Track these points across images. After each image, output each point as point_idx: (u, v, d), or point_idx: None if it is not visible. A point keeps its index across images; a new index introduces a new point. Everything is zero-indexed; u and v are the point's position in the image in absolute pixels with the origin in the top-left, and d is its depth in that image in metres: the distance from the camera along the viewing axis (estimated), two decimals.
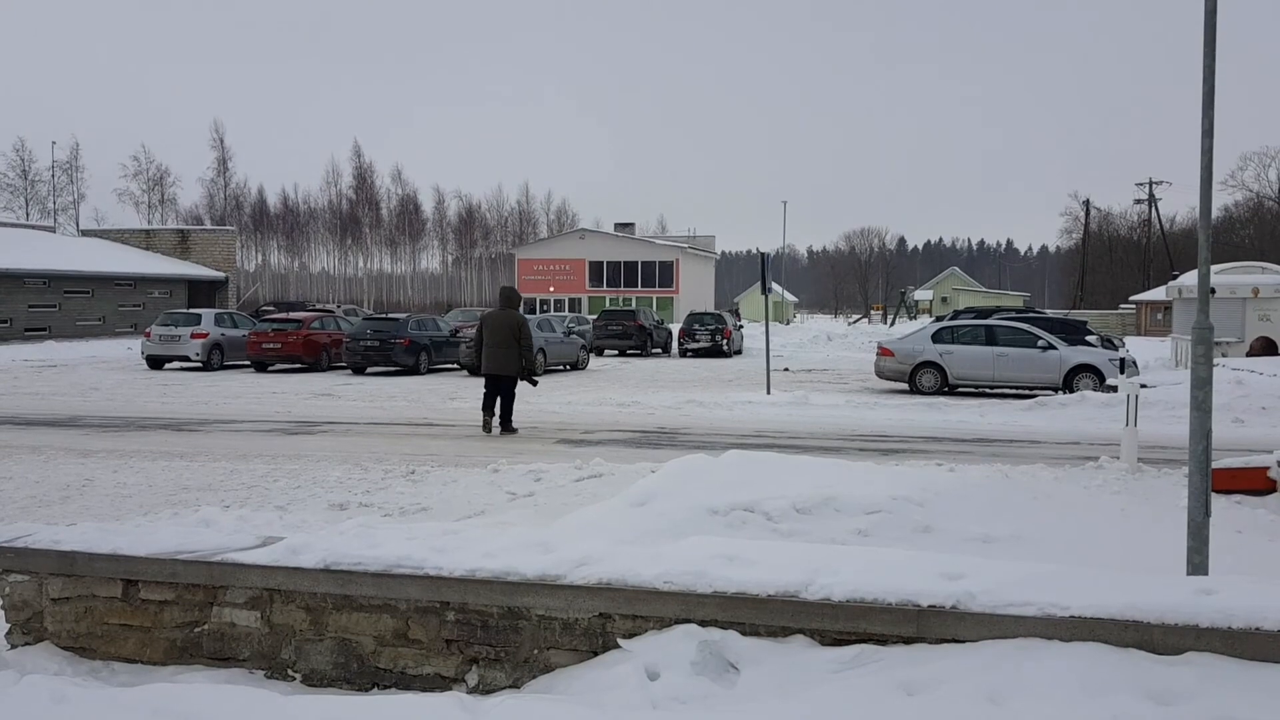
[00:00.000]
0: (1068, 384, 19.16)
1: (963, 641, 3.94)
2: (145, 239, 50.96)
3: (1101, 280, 78.87)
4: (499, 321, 13.85)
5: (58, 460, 11.02)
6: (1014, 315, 28.65)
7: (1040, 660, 3.81)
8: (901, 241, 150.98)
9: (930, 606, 3.99)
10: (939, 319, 35.30)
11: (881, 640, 4.01)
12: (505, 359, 13.65)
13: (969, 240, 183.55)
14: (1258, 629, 3.62)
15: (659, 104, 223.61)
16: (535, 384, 14.74)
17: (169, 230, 53.38)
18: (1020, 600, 3.99)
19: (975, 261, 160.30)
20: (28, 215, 70.48)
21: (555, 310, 61.73)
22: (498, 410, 13.82)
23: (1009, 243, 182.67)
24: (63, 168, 74.13)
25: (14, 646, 4.97)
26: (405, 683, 4.46)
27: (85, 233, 55.41)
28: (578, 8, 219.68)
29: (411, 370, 25.21)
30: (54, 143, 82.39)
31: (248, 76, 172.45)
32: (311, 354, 26.25)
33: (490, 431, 13.69)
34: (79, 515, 8.07)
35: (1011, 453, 11.92)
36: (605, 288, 69.89)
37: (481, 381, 14.10)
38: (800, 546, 4.79)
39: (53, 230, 55.38)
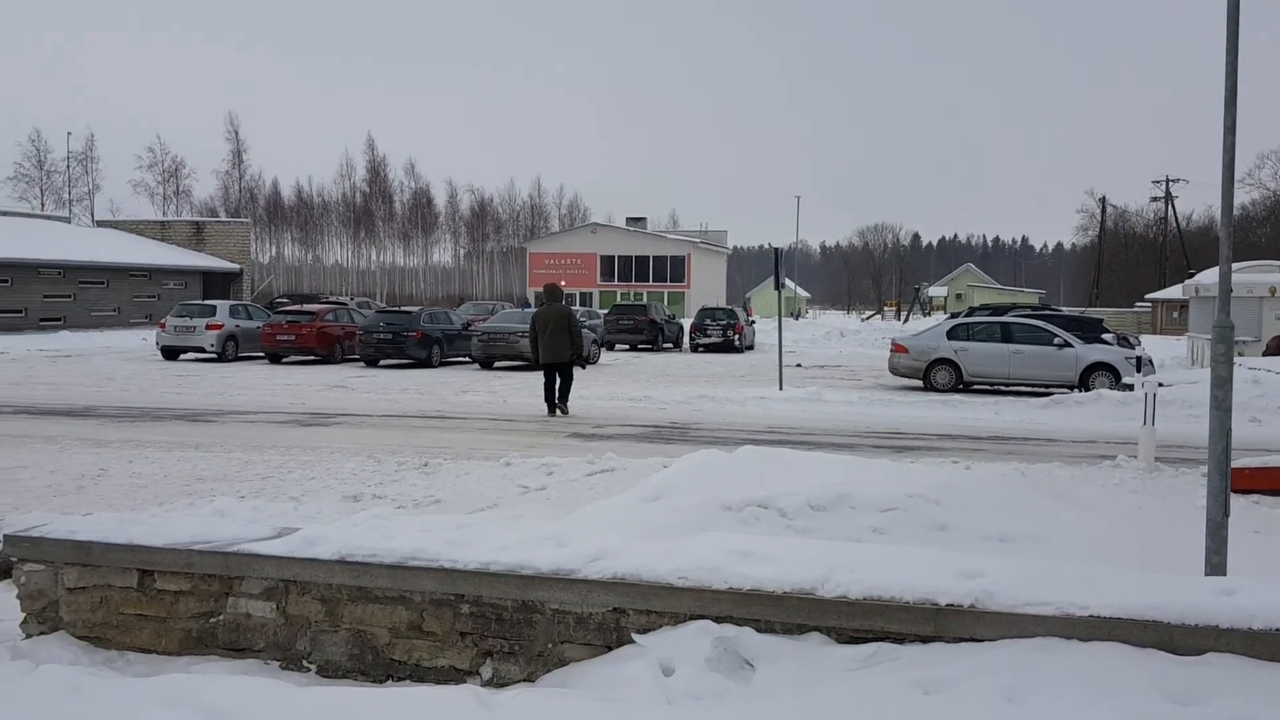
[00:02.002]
0: (1084, 382, 19.07)
1: (981, 640, 3.92)
2: (160, 230, 51.16)
3: (1117, 278, 78.47)
4: (550, 316, 15.36)
5: (73, 450, 11.06)
6: (1030, 312, 28.51)
7: (1059, 660, 3.78)
8: (916, 237, 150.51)
9: (948, 605, 3.97)
10: (954, 316, 35.18)
11: (899, 639, 3.99)
12: (559, 348, 15.16)
13: (984, 237, 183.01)
14: (1279, 630, 3.59)
15: (672, 98, 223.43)
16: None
17: (184, 222, 53.61)
18: (1039, 599, 3.97)
19: (990, 258, 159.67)
20: (43, 206, 70.80)
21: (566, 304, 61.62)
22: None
23: (1024, 240, 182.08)
24: (78, 159, 74.47)
25: (29, 636, 4.98)
26: (420, 675, 4.46)
27: (100, 223, 55.67)
28: (592, 2, 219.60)
29: (424, 363, 25.24)
30: (69, 133, 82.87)
31: (262, 69, 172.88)
32: (325, 346, 26.31)
33: (554, 415, 15.08)
34: (94, 505, 8.10)
35: (1028, 451, 11.86)
36: (617, 282, 69.87)
37: (492, 374, 14.27)
38: (816, 543, 4.76)
39: (68, 221, 55.61)
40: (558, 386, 15.35)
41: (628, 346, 34.32)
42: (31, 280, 38.50)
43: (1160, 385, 12.62)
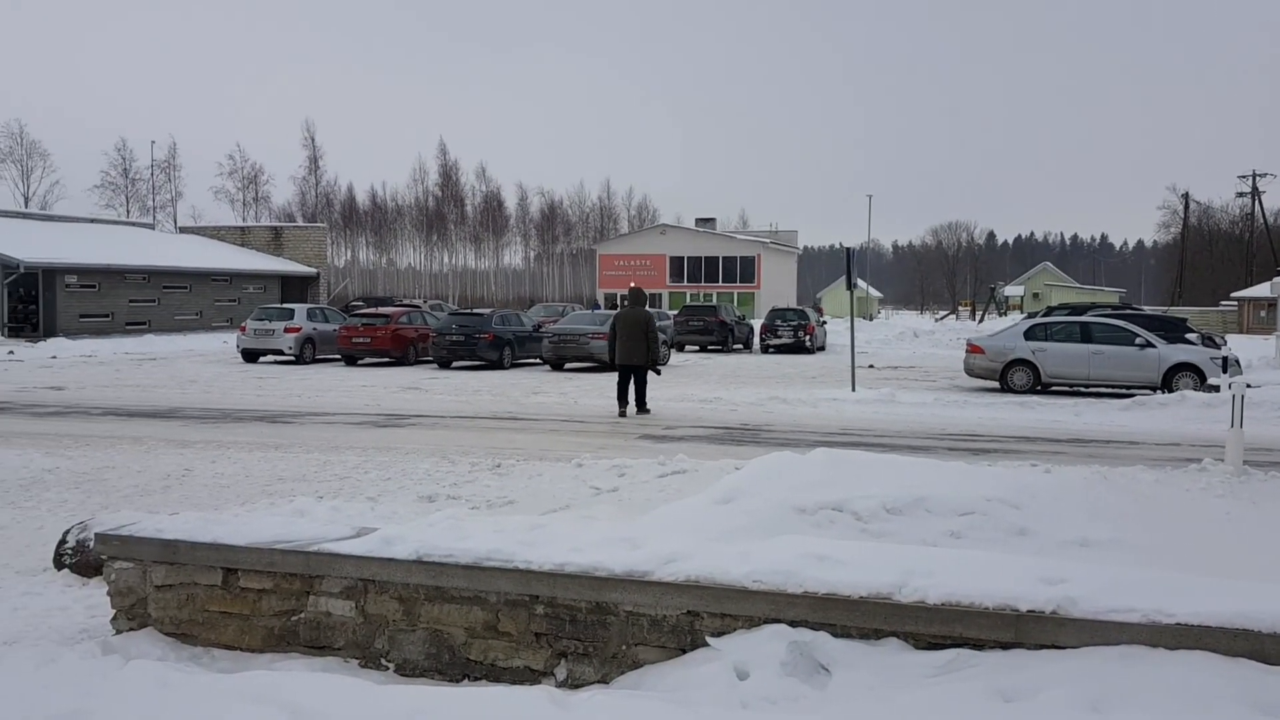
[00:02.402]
0: (1167, 383, 18.55)
1: (1063, 648, 3.84)
2: (240, 236, 52.46)
3: (1201, 276, 76.29)
4: (630, 319, 15.69)
5: (158, 451, 11.39)
6: (1110, 312, 27.83)
7: (1145, 669, 3.68)
8: (991, 236, 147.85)
9: (1029, 611, 3.90)
10: (1031, 315, 34.49)
11: (978, 645, 3.92)
12: (635, 350, 15.43)
13: (1061, 235, 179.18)
14: None
15: (743, 98, 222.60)
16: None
17: (263, 227, 54.87)
18: (1123, 606, 3.87)
19: (1068, 257, 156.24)
20: (128, 213, 73.05)
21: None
22: (631, 398, 15.63)
23: (1103, 237, 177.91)
24: (161, 167, 76.65)
25: (119, 632, 5.13)
26: (495, 675, 4.50)
27: (183, 230, 57.24)
28: (660, 4, 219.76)
29: (495, 365, 25.49)
30: (153, 142, 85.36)
31: (338, 77, 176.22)
32: (399, 348, 26.71)
33: (625, 416, 15.28)
34: (180, 505, 8.32)
35: (1109, 454, 11.58)
36: (686, 283, 69.81)
37: (563, 376, 14.40)
38: (893, 547, 4.70)
39: (152, 227, 57.28)
40: (632, 389, 15.64)
41: (697, 348, 34.25)
42: (118, 285, 39.71)
43: (1248, 386, 12.23)
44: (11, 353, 29.59)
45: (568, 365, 25.28)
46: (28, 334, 35.96)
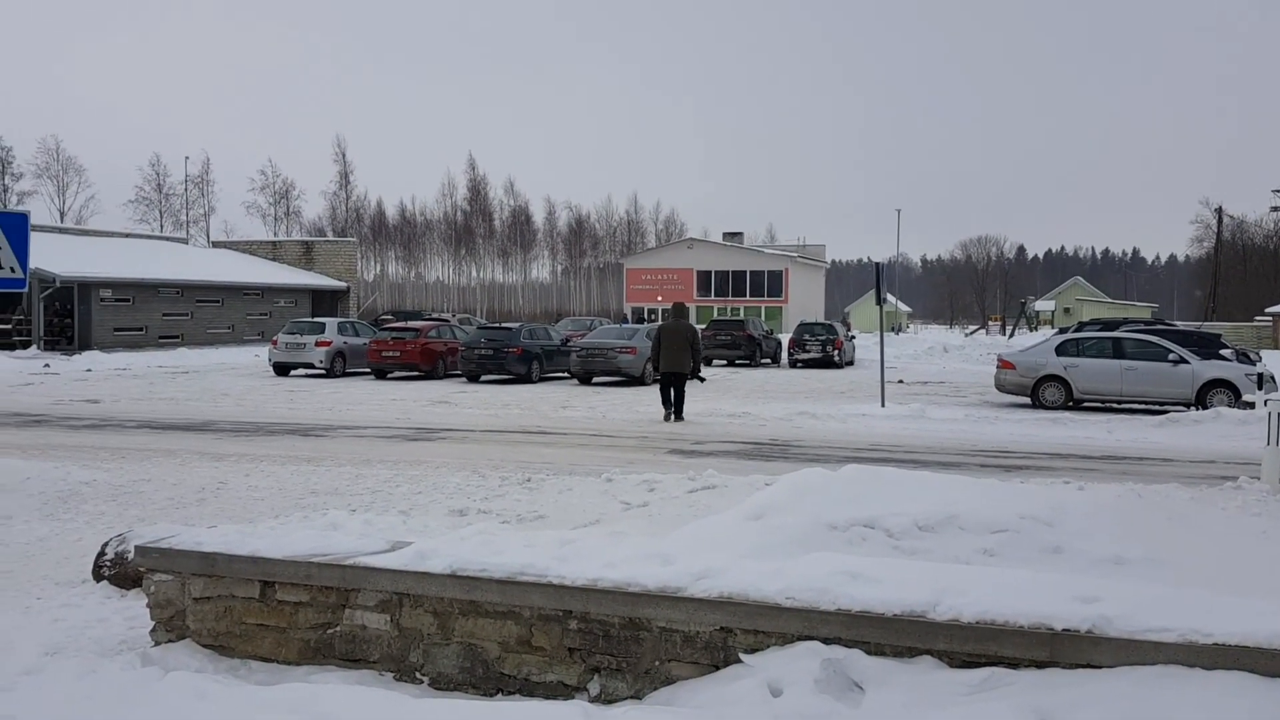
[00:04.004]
0: (1200, 400, 18.37)
1: (1099, 667, 3.82)
2: (272, 250, 53.00)
3: (1235, 291, 75.40)
4: (675, 330, 16.89)
5: (193, 464, 11.52)
6: (1142, 327, 27.59)
7: (1182, 689, 3.66)
8: (1020, 250, 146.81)
9: (1064, 630, 3.88)
10: (1062, 331, 34.23)
11: (1013, 663, 3.91)
12: (680, 360, 16.60)
13: (1092, 249, 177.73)
14: None
15: (769, 111, 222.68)
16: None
17: (294, 241, 55.42)
18: (1159, 625, 3.85)
19: (1099, 271, 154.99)
20: (161, 227, 74.10)
21: (662, 319, 61.80)
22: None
23: (1135, 252, 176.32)
24: (194, 182, 77.78)
25: (158, 643, 5.20)
26: (529, 689, 4.52)
27: (215, 244, 57.93)
28: (685, 17, 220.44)
29: (524, 379, 25.59)
30: (187, 158, 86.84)
31: (369, 92, 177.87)
32: (428, 362, 26.88)
33: (669, 419, 16.46)
34: (214, 517, 8.42)
35: (1143, 471, 11.48)
36: (713, 297, 69.84)
37: (591, 390, 14.44)
38: (926, 565, 4.69)
39: (185, 242, 58.03)
40: (673, 396, 16.68)
41: (725, 362, 34.24)
42: (152, 299, 40.21)
43: None
44: (47, 365, 30.01)
45: (596, 379, 25.35)
46: (63, 347, 36.47)
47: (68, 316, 37.93)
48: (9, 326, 34.79)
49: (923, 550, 5.83)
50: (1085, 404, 19.52)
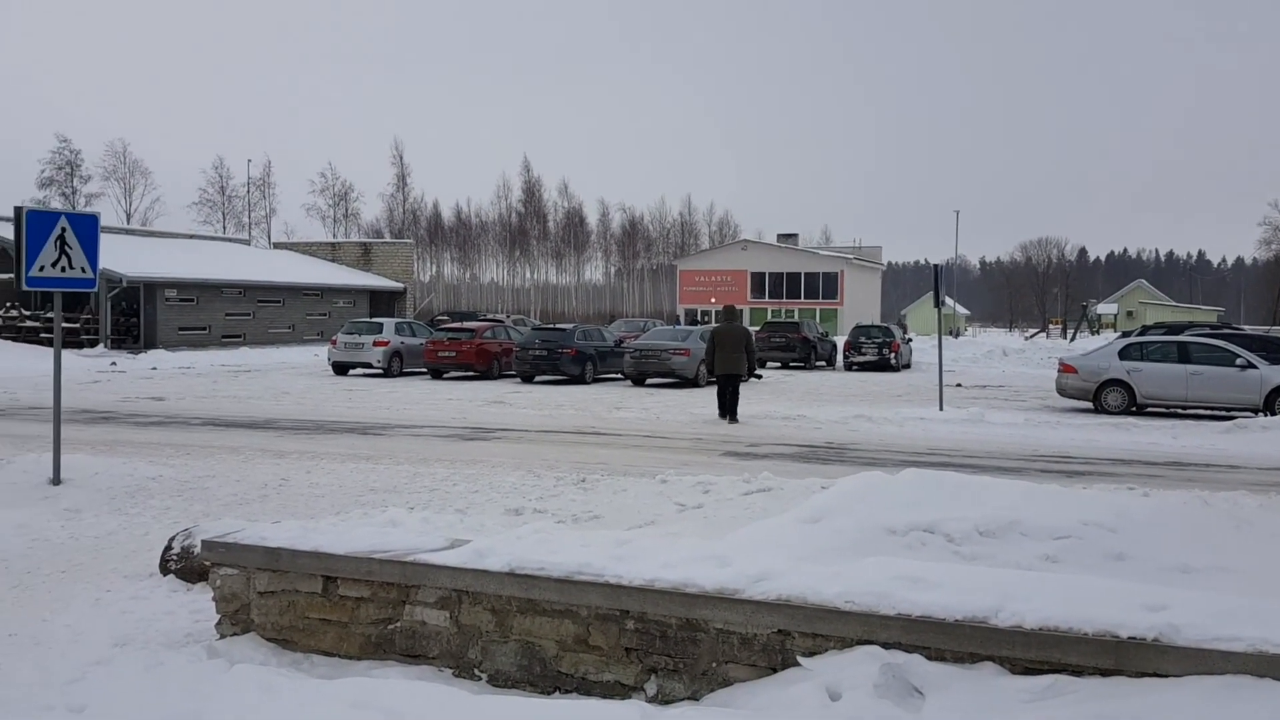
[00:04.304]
0: (1269, 405, 17.90)
1: (1165, 676, 3.75)
2: (331, 251, 53.80)
3: None
4: (730, 333, 17.23)
5: (255, 460, 11.73)
6: (1208, 331, 26.97)
7: (1251, 699, 3.58)
8: (1082, 252, 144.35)
9: (1130, 638, 3.82)
10: (1125, 334, 33.59)
11: (1077, 671, 3.85)
12: (736, 362, 16.96)
13: (1156, 251, 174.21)
14: None
15: (826, 111, 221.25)
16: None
17: (352, 243, 56.19)
18: (1228, 635, 3.77)
19: (1163, 274, 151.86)
20: (224, 229, 75.55)
21: (715, 322, 61.65)
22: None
23: (1200, 254, 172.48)
24: (256, 184, 79.14)
25: (223, 636, 5.31)
26: (586, 688, 4.54)
27: (276, 245, 58.94)
28: (742, 17, 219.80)
29: (578, 379, 25.69)
30: (249, 161, 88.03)
31: (426, 95, 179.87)
32: (483, 362, 27.09)
33: (725, 419, 16.80)
34: (276, 513, 8.56)
35: (1209, 478, 11.23)
36: (767, 299, 69.58)
37: (644, 391, 14.38)
38: (988, 570, 4.64)
39: (247, 243, 59.15)
40: (728, 397, 17.01)
41: (779, 364, 34.07)
42: (215, 299, 41.00)
43: None
44: (114, 364, 30.76)
45: (649, 381, 25.37)
46: (129, 346, 37.32)
47: (134, 316, 38.81)
48: (77, 325, 35.67)
49: (983, 556, 5.75)
50: (1148, 409, 19.13)
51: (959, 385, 25.76)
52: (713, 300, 68.20)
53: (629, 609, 4.48)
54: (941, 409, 18.02)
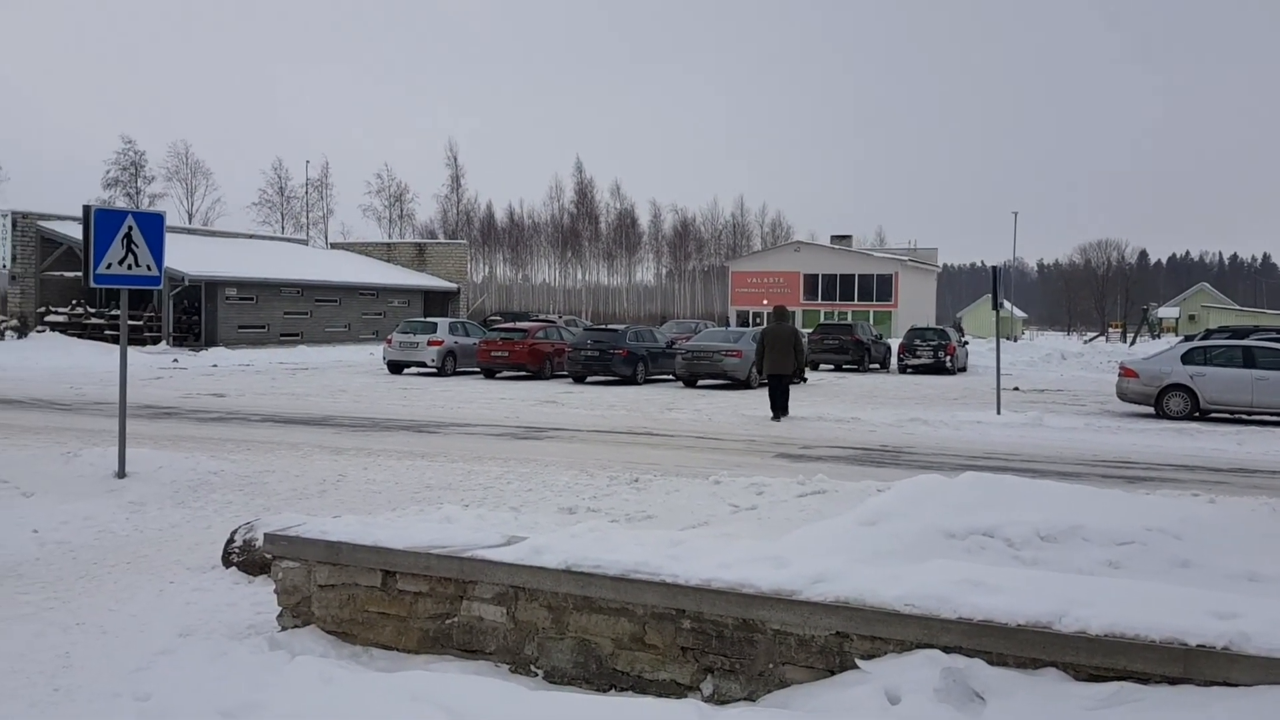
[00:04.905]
0: None
1: (1235, 685, 3.67)
2: (386, 251, 54.43)
3: None
4: (779, 333, 17.48)
5: (314, 457, 11.90)
6: (1275, 335, 26.31)
7: None
8: (1143, 255, 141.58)
9: (1199, 646, 3.74)
10: (1188, 339, 32.90)
11: (1143, 679, 3.78)
12: (784, 362, 17.27)
13: (1220, 254, 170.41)
14: None
15: (880, 113, 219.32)
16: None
17: (407, 243, 56.81)
18: None
19: (1227, 277, 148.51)
20: (283, 229, 76.78)
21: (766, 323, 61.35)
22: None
23: (1265, 257, 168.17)
24: (314, 185, 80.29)
25: (284, 629, 5.39)
26: (642, 686, 4.55)
27: (333, 245, 59.75)
28: (792, 17, 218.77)
29: (629, 380, 25.73)
30: (308, 162, 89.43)
31: (480, 97, 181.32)
32: (536, 363, 27.24)
33: (778, 419, 17.11)
34: (334, 508, 8.68)
35: (1276, 485, 10.95)
36: (820, 301, 69.15)
37: (696, 392, 14.33)
38: (1051, 576, 4.57)
39: (305, 243, 59.97)
40: (779, 396, 17.38)
41: (832, 366, 33.84)
42: (273, 298, 41.67)
43: None
44: (175, 360, 31.39)
45: (700, 382, 25.33)
46: (190, 343, 38.06)
47: (195, 314, 39.58)
48: (141, 323, 36.45)
49: (1044, 561, 5.66)
50: (1212, 415, 18.71)
51: (1016, 389, 25.39)
52: (765, 302, 67.89)
53: (685, 608, 4.48)
54: (999, 413, 17.78)
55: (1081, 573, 5.39)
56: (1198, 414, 18.52)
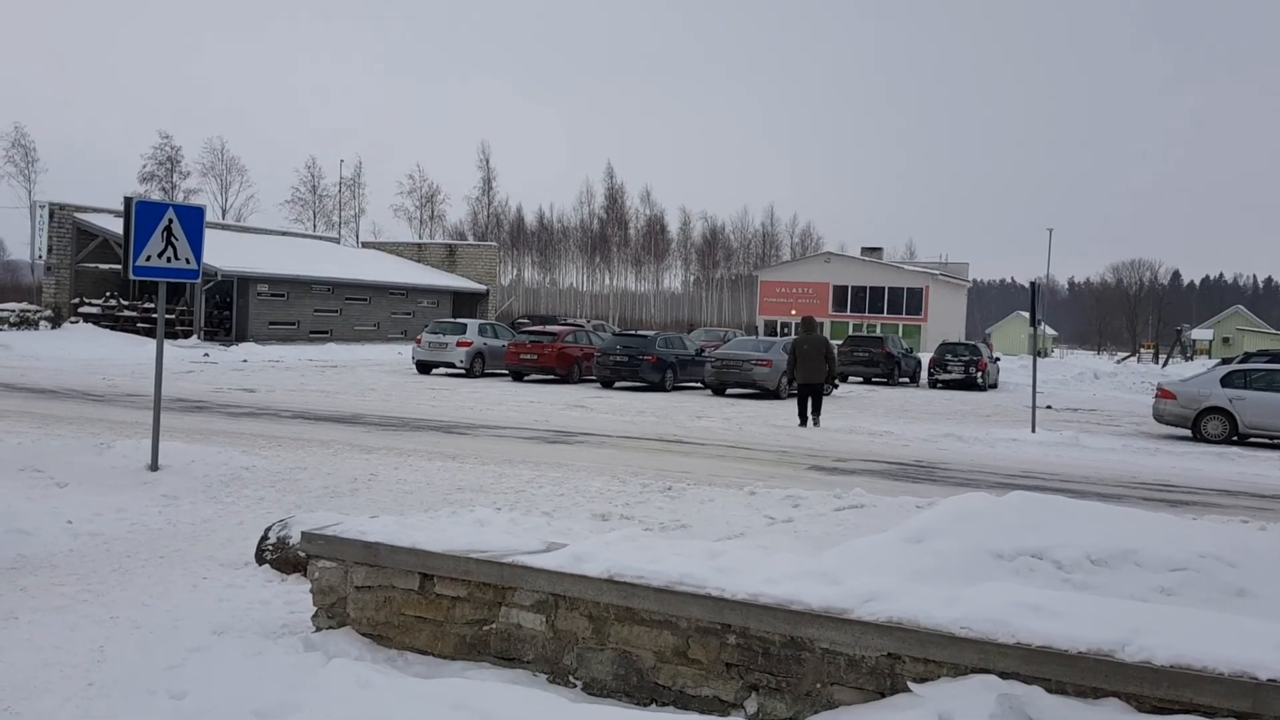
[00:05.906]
0: None
1: None
2: (416, 252, 54.60)
3: None
4: (811, 343, 18.07)
5: (344, 455, 11.86)
6: None
7: None
8: (1176, 275, 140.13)
9: (1269, 680, 3.59)
10: (1225, 361, 32.42)
11: (1209, 713, 3.63)
12: (816, 371, 17.79)
13: (1254, 277, 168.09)
14: None
15: (912, 126, 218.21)
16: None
17: (438, 244, 56.97)
18: None
19: (1261, 301, 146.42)
20: (315, 227, 77.27)
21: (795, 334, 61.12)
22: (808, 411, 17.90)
23: None
24: (347, 185, 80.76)
25: (319, 629, 5.31)
26: (684, 702, 4.43)
27: (365, 245, 60.02)
28: (826, 28, 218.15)
29: (657, 386, 25.63)
30: (341, 161, 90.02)
31: (513, 100, 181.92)
32: (564, 366, 27.19)
33: (806, 426, 17.53)
34: (366, 507, 8.62)
35: None
36: (849, 313, 68.77)
37: (725, 401, 14.22)
38: (1110, 601, 4.42)
39: (337, 242, 60.32)
40: (810, 404, 17.80)
41: (862, 379, 33.61)
42: (305, 296, 41.87)
43: None
44: (207, 355, 31.58)
45: (729, 391, 25.19)
46: (221, 338, 38.30)
47: (226, 309, 39.83)
48: (173, 316, 36.70)
49: (1094, 585, 5.51)
50: (1251, 439, 18.40)
51: (1049, 407, 25.08)
52: (793, 312, 67.60)
53: (731, 623, 4.37)
54: (1034, 431, 17.55)
55: (1134, 598, 5.24)
56: (1236, 438, 18.22)
